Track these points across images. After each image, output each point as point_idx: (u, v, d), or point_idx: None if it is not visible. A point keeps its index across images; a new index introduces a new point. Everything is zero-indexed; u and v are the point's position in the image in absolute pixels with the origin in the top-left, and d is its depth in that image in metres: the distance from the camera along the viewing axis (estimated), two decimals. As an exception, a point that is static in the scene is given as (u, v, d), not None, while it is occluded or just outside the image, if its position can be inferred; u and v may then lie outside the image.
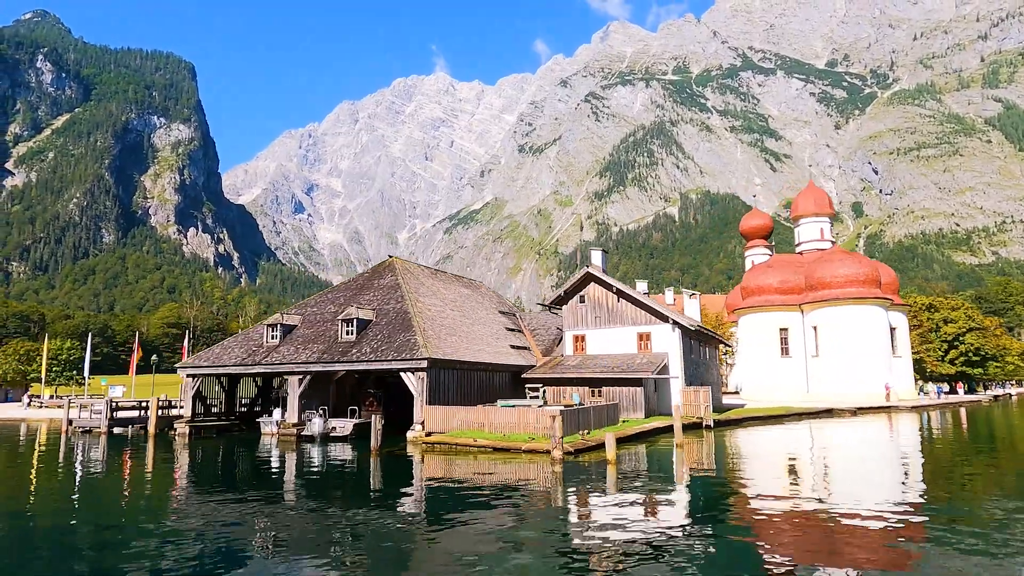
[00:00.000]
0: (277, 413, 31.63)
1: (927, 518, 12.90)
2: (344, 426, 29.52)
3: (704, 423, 30.21)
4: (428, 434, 25.01)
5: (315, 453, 26.02)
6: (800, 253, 60.47)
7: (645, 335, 32.92)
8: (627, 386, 30.27)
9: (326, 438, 29.25)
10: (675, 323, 31.99)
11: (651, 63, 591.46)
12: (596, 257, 35.39)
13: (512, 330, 36.85)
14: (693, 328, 33.37)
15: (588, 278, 35.13)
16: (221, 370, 32.46)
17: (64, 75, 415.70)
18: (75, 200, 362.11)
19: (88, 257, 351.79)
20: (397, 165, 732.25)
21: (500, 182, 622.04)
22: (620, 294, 34.15)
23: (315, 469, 21.94)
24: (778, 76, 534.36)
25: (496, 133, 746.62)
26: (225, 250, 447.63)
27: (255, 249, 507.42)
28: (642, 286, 39.81)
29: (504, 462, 21.18)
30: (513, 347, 33.86)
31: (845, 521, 12.50)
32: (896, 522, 12.40)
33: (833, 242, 61.44)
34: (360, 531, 12.59)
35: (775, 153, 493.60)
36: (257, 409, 37.29)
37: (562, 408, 23.97)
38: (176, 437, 32.88)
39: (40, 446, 32.09)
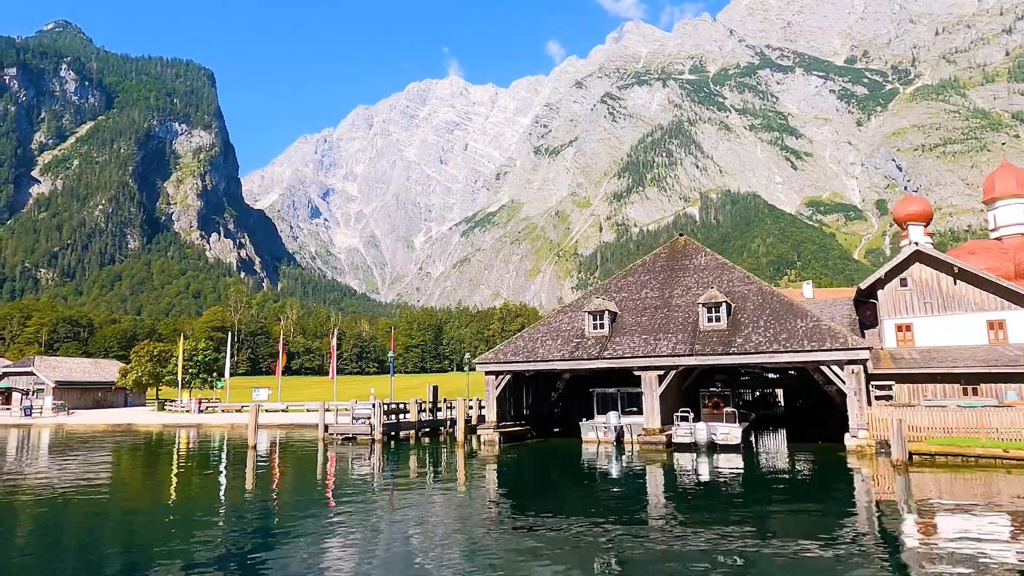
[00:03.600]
0: (612, 416, 28.45)
1: None
2: (730, 432, 25.75)
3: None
4: (881, 443, 21.33)
5: (705, 465, 22.47)
6: (999, 239, 57.11)
7: (997, 323, 29.92)
8: (1018, 382, 27.36)
9: (712, 447, 25.86)
10: (1043, 308, 29.06)
11: (667, 63, 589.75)
12: (918, 233, 32.37)
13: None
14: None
15: (915, 257, 32.05)
16: (541, 365, 29.26)
17: (87, 84, 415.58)
18: (100, 207, 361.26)
19: (114, 263, 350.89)
20: (412, 169, 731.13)
21: (516, 184, 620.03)
22: (962, 275, 31.24)
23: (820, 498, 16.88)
24: (796, 74, 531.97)
25: (510, 135, 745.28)
26: (247, 255, 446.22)
27: (275, 254, 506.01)
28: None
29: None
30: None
31: None
32: None
33: (1040, 226, 58.17)
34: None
35: (795, 151, 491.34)
36: (526, 412, 33.91)
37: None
38: (484, 445, 29.51)
39: (295, 457, 28.75)
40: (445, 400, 37.82)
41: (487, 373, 30.80)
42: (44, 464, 26.86)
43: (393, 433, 33.18)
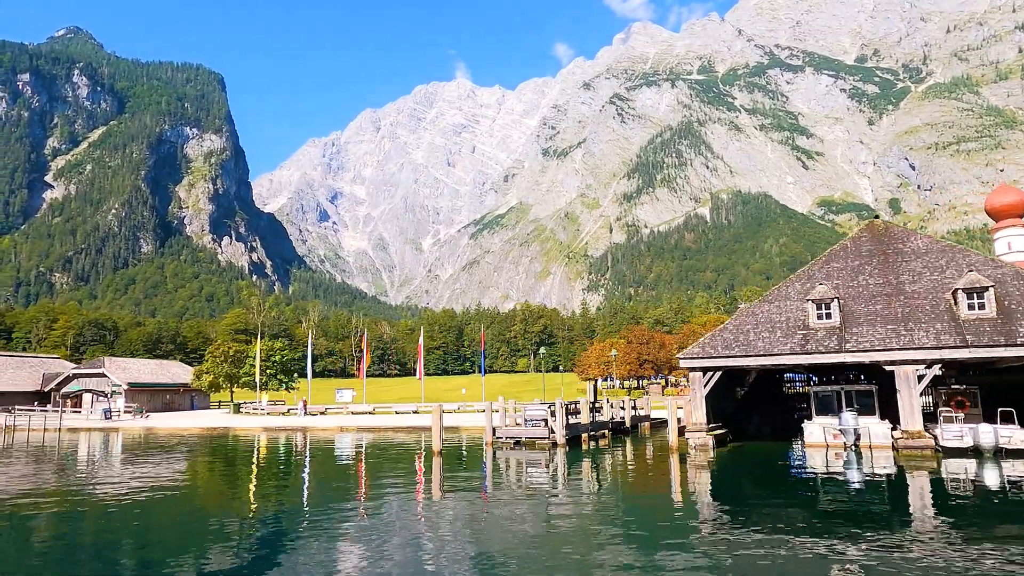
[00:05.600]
0: (849, 417, 25.82)
1: None
2: (1012, 435, 22.88)
3: None
4: None
5: (994, 473, 19.77)
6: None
7: None
8: None
9: (998, 453, 23.01)
10: None
11: (676, 63, 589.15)
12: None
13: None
14: None
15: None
16: (765, 360, 26.69)
17: (99, 89, 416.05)
18: (113, 211, 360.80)
19: (128, 267, 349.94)
20: (420, 171, 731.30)
21: (524, 186, 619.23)
22: None
23: None
24: (806, 73, 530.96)
25: (518, 138, 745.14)
26: (258, 258, 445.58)
27: (285, 257, 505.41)
28: None
29: None
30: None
31: None
32: None
33: None
34: None
35: (807, 151, 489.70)
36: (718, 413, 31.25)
37: None
38: (696, 449, 26.92)
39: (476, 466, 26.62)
40: (607, 399, 36.11)
41: (692, 369, 28.14)
42: (211, 477, 25.00)
43: (570, 437, 31.00)
